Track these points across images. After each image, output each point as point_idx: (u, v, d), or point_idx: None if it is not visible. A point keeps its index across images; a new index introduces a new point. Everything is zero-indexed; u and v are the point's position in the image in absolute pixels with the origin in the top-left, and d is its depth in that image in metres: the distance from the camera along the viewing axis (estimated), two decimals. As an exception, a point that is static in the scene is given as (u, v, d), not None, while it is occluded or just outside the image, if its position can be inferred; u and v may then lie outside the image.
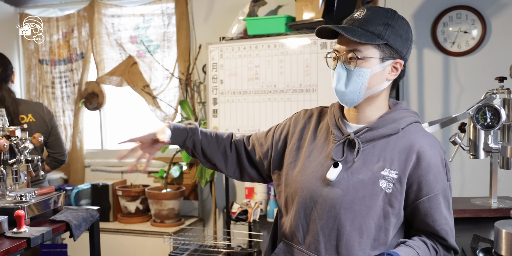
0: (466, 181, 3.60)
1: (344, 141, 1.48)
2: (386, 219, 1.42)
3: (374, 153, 1.45)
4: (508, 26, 3.46)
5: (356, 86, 1.43)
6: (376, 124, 1.47)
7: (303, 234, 1.48)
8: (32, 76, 4.77)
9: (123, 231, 4.00)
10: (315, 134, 1.58)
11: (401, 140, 1.45)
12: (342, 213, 1.42)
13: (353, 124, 1.52)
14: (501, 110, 1.84)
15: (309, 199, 1.47)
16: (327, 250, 1.43)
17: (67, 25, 4.61)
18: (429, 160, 1.42)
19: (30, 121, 3.06)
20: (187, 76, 4.18)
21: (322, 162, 1.49)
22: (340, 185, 1.43)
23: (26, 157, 2.34)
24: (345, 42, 1.44)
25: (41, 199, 2.33)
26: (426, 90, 3.67)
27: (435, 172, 1.43)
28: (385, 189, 1.41)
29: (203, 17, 4.21)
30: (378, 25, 1.41)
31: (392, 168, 1.42)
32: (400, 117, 1.48)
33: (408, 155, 1.43)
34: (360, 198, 1.41)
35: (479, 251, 1.52)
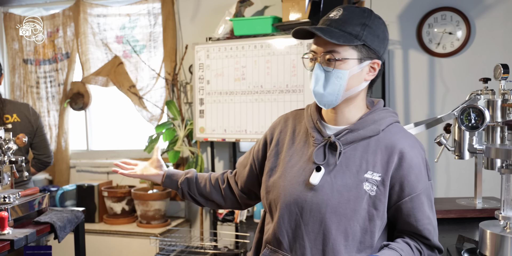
0: (451, 182, 3.62)
1: (324, 144, 1.46)
2: (371, 222, 1.41)
3: (356, 155, 1.44)
4: (492, 27, 3.49)
5: (335, 88, 1.42)
6: (356, 125, 1.46)
7: (288, 240, 1.46)
8: (16, 76, 4.72)
9: (108, 232, 3.97)
10: (294, 138, 1.55)
11: (382, 142, 1.44)
12: (327, 217, 1.40)
13: (332, 125, 1.51)
14: (485, 111, 1.86)
15: (293, 204, 1.44)
16: (313, 255, 1.42)
17: (52, 24, 4.57)
18: (410, 161, 1.42)
19: (15, 121, 3.03)
20: (173, 76, 4.17)
21: (304, 166, 1.47)
22: (324, 189, 1.42)
23: (10, 158, 2.31)
24: (322, 43, 1.41)
25: (25, 200, 2.31)
26: (412, 91, 3.69)
27: (417, 172, 1.43)
28: (369, 192, 1.40)
29: (189, 17, 4.19)
30: (356, 26, 1.40)
31: (375, 171, 1.41)
32: (380, 118, 1.48)
33: (390, 156, 1.42)
34: (345, 201, 1.40)
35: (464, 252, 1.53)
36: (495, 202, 2.13)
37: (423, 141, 3.66)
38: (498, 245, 1.36)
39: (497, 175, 1.51)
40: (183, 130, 4.02)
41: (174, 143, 4.01)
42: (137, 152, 4.38)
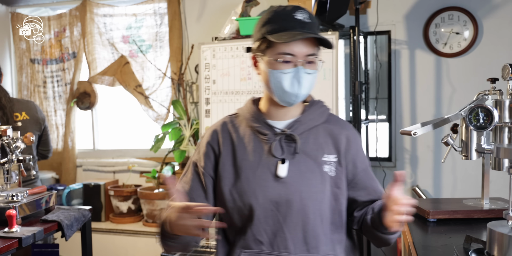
0: (458, 182, 3.61)
1: (280, 138, 1.52)
2: (337, 201, 1.52)
3: (309, 143, 1.53)
4: (499, 27, 3.48)
5: (311, 87, 1.52)
6: (304, 117, 1.56)
7: (268, 238, 1.48)
8: (23, 75, 4.74)
9: (115, 231, 3.98)
10: (242, 143, 1.56)
11: (328, 127, 1.58)
12: (303, 204, 1.47)
13: (278, 121, 1.57)
14: (494, 111, 1.85)
15: (267, 202, 1.48)
16: (295, 244, 1.47)
17: (59, 24, 4.59)
18: (355, 141, 1.59)
19: (25, 119, 3.05)
20: (179, 76, 4.17)
21: (266, 163, 1.51)
22: (293, 179, 1.49)
23: (18, 156, 2.32)
24: (304, 46, 1.45)
25: (32, 198, 2.32)
26: (418, 91, 3.68)
27: (361, 150, 1.61)
28: (329, 173, 1.52)
29: (195, 17, 4.20)
30: (319, 29, 1.52)
31: (330, 153, 1.53)
32: (322, 110, 1.61)
33: (339, 139, 1.56)
34: (314, 185, 1.49)
35: (472, 252, 1.53)
36: (503, 203, 2.12)
37: (430, 141, 3.65)
38: (507, 245, 1.36)
39: (504, 176, 1.51)
40: (189, 130, 4.03)
41: (180, 142, 4.02)
42: (143, 151, 4.39)
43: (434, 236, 1.90)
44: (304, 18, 1.46)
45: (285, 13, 1.47)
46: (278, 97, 1.51)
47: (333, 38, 3.32)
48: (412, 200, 1.33)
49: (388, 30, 3.73)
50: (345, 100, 3.87)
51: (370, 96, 3.83)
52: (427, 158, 3.69)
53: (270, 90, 1.52)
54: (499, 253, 1.39)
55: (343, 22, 3.58)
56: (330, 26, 3.39)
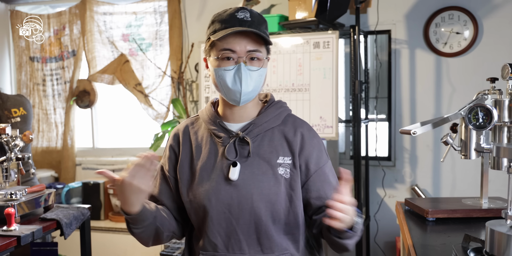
0: (457, 182, 3.62)
1: (234, 141, 1.52)
2: (292, 203, 1.51)
3: (264, 145, 1.53)
4: (500, 27, 3.48)
5: (258, 85, 1.51)
6: (259, 119, 1.56)
7: (222, 240, 1.50)
8: (23, 73, 4.74)
9: (114, 230, 3.98)
10: (199, 145, 1.58)
11: (284, 129, 1.57)
12: (255, 207, 1.47)
13: (234, 123, 1.58)
14: (493, 111, 1.85)
15: (220, 204, 1.49)
16: (249, 245, 1.49)
17: (59, 22, 4.59)
18: (310, 141, 1.56)
19: (23, 114, 3.05)
20: (179, 74, 4.17)
21: (220, 165, 1.52)
22: (245, 181, 1.49)
23: (17, 154, 2.32)
24: (243, 43, 1.46)
25: (31, 197, 2.31)
26: (418, 90, 3.68)
27: (317, 150, 1.56)
28: (284, 175, 1.51)
29: (195, 16, 4.20)
30: (264, 28, 1.52)
31: (285, 155, 1.53)
32: (279, 111, 1.59)
33: (293, 140, 1.55)
34: (267, 187, 1.48)
35: (470, 251, 1.53)
36: (501, 202, 2.12)
37: (429, 140, 3.66)
38: (505, 244, 1.36)
39: (503, 175, 1.51)
40: (188, 128, 4.02)
41: (179, 141, 4.01)
42: (143, 150, 4.39)
43: (433, 235, 1.90)
44: (245, 17, 1.48)
45: (227, 14, 1.49)
46: (225, 96, 1.53)
47: (333, 37, 3.32)
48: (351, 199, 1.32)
49: (389, 30, 3.73)
50: (345, 99, 3.87)
51: (370, 95, 3.83)
52: (426, 158, 3.69)
53: (218, 89, 1.54)
54: (498, 252, 1.39)
55: (344, 21, 3.58)
56: (331, 25, 3.39)
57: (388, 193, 3.80)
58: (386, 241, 3.81)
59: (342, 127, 3.85)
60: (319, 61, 3.32)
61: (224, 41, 1.47)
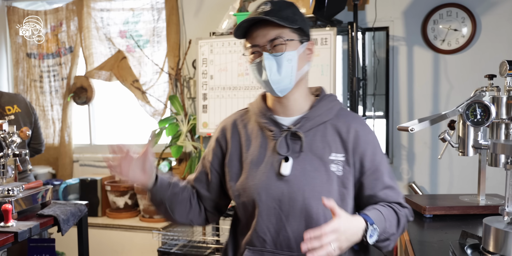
0: (455, 179, 3.62)
1: (285, 135, 1.50)
2: (343, 201, 1.48)
3: (316, 140, 1.50)
4: (497, 24, 3.48)
5: (288, 70, 1.46)
6: (311, 113, 1.53)
7: (271, 236, 1.48)
8: (20, 70, 4.73)
9: (111, 226, 3.98)
10: (249, 139, 1.58)
11: (336, 124, 1.53)
12: (307, 203, 1.45)
13: (285, 117, 1.55)
14: (491, 107, 1.85)
15: (270, 200, 1.47)
16: (298, 243, 1.44)
17: (56, 18, 4.57)
18: (365, 138, 1.52)
19: (17, 112, 3.05)
20: (176, 71, 4.16)
21: (270, 161, 1.50)
22: (297, 177, 1.46)
23: (14, 151, 2.32)
24: (262, 34, 1.46)
25: (28, 193, 2.31)
26: (416, 87, 3.68)
27: (372, 147, 1.52)
28: (337, 173, 1.48)
29: (193, 12, 4.19)
30: (288, 13, 1.47)
31: (337, 152, 1.49)
32: (331, 105, 1.56)
33: (347, 136, 1.51)
34: (319, 184, 1.46)
35: (467, 247, 1.53)
36: (499, 199, 2.12)
37: (427, 137, 3.66)
38: (502, 240, 1.36)
39: (500, 172, 1.51)
40: (186, 125, 4.02)
41: (177, 138, 4.01)
42: (140, 146, 4.37)
43: (430, 232, 1.90)
44: (264, 8, 1.47)
45: (254, 11, 1.50)
46: (264, 89, 1.53)
47: (331, 34, 3.32)
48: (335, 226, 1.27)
49: (386, 26, 3.72)
50: (342, 96, 3.87)
51: (368, 92, 3.83)
52: (424, 155, 3.69)
53: (259, 84, 1.53)
54: (495, 248, 1.39)
55: (341, 18, 3.57)
56: (328, 22, 3.39)
57: (386, 190, 3.80)
58: (383, 238, 3.81)
59: (340, 124, 3.85)
60: (316, 58, 3.31)
61: (249, 39, 1.49)
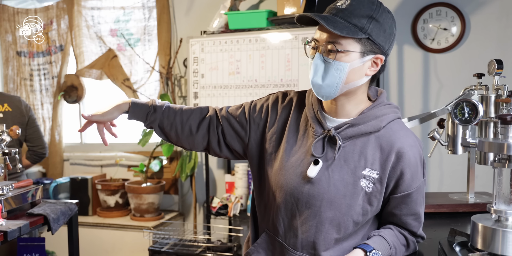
0: (444, 177, 3.64)
1: (324, 137, 1.43)
2: (364, 216, 1.44)
3: (355, 151, 1.42)
4: (486, 24, 3.50)
5: (334, 80, 1.37)
6: (357, 120, 1.42)
7: (284, 228, 1.47)
8: (9, 68, 4.70)
9: (102, 225, 3.97)
10: (297, 126, 1.51)
11: (382, 139, 1.42)
12: (322, 211, 1.41)
13: (333, 117, 1.47)
14: (479, 105, 1.87)
15: (290, 195, 1.44)
16: (303, 245, 1.45)
17: (46, 17, 4.55)
18: (408, 161, 1.41)
19: (6, 111, 3.03)
20: (167, 70, 4.16)
21: (302, 157, 1.45)
22: (321, 183, 1.41)
23: (3, 149, 2.31)
24: (326, 32, 1.37)
25: (18, 192, 2.30)
26: (406, 86, 3.70)
27: (413, 172, 1.43)
28: (366, 188, 1.41)
29: (184, 11, 4.18)
30: (362, 18, 1.34)
31: (373, 168, 1.41)
32: (382, 114, 1.44)
33: (388, 155, 1.41)
34: (341, 196, 1.40)
35: (456, 245, 1.54)
36: (487, 197, 2.14)
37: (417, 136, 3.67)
38: (490, 238, 1.38)
39: (489, 170, 1.52)
40: (177, 124, 4.01)
41: (168, 136, 4.00)
42: (131, 145, 4.37)
43: (419, 230, 1.91)
44: (342, 4, 1.37)
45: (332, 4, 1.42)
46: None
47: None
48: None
49: (377, 25, 3.73)
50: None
51: (358, 91, 3.83)
52: (414, 153, 3.70)
53: None
54: (483, 246, 1.40)
55: (332, 17, 3.57)
56: (319, 20, 3.39)
57: (376, 188, 3.81)
58: (373, 236, 3.83)
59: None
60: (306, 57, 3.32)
61: (316, 32, 1.41)
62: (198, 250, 3.51)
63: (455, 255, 1.48)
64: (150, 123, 1.62)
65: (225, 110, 1.61)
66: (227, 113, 1.60)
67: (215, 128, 1.59)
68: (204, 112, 1.62)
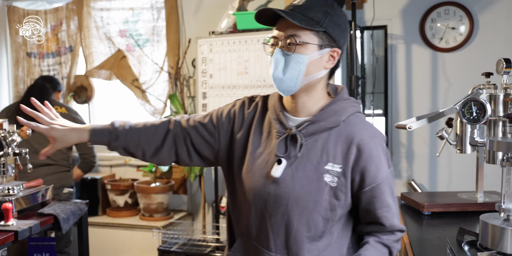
0: (453, 176, 3.63)
1: (286, 136, 1.45)
2: (333, 212, 1.44)
3: (316, 147, 1.44)
4: (495, 22, 3.49)
5: (294, 73, 1.41)
6: (318, 117, 1.45)
7: (256, 230, 1.49)
8: (20, 69, 4.73)
9: (111, 225, 3.99)
10: (261, 129, 1.53)
11: (342, 133, 1.44)
12: (289, 210, 1.42)
13: (294, 117, 1.50)
14: (487, 105, 1.86)
15: (258, 197, 1.46)
16: (276, 246, 1.45)
17: (56, 18, 4.58)
18: (370, 152, 1.42)
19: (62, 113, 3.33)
20: (176, 70, 4.17)
21: (267, 158, 1.47)
22: (285, 182, 1.43)
23: (14, 150, 2.33)
24: (284, 27, 1.42)
25: (29, 192, 2.32)
26: (414, 85, 3.69)
27: (377, 163, 1.43)
28: (330, 183, 1.42)
29: (192, 11, 4.20)
30: (318, 12, 1.40)
31: (335, 162, 1.43)
32: (341, 109, 1.47)
33: (349, 148, 1.43)
34: (306, 193, 1.42)
35: (465, 244, 1.54)
36: (496, 196, 2.14)
37: (425, 135, 3.67)
38: (499, 237, 1.38)
39: (498, 170, 1.52)
40: (186, 124, 4.02)
41: (177, 136, 4.02)
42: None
43: (428, 229, 1.91)
44: (298, 2, 1.43)
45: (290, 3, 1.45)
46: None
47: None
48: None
49: (385, 25, 3.73)
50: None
51: (367, 90, 3.84)
52: (423, 152, 3.70)
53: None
54: (491, 245, 1.40)
55: (340, 16, 3.57)
56: (327, 20, 3.39)
57: (385, 188, 3.80)
58: (382, 235, 3.82)
59: (339, 122, 3.85)
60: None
61: (275, 28, 1.45)
62: (207, 250, 3.52)
63: (464, 254, 1.49)
64: (114, 149, 1.61)
65: (192, 120, 1.62)
66: (194, 122, 1.61)
67: (182, 140, 1.59)
68: (168, 126, 1.61)
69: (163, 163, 1.64)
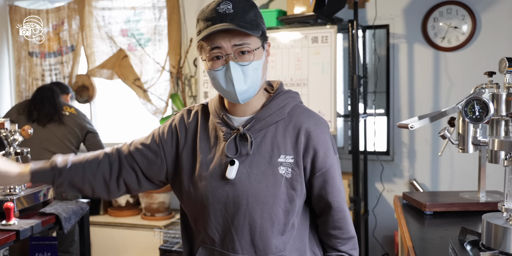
0: (455, 176, 3.62)
1: (235, 136, 1.45)
2: (292, 203, 1.44)
3: (266, 142, 1.45)
4: (497, 22, 3.48)
5: (254, 80, 1.41)
6: (262, 113, 1.46)
7: (219, 236, 1.47)
8: (21, 68, 4.74)
9: (113, 224, 3.99)
10: (207, 135, 1.52)
11: (288, 124, 1.46)
12: (250, 208, 1.42)
13: (239, 117, 1.49)
14: (489, 104, 1.86)
15: (217, 202, 1.45)
16: (243, 246, 1.44)
17: (57, 17, 4.58)
18: (317, 138, 1.45)
19: (72, 113, 3.58)
20: (178, 69, 4.17)
21: (219, 162, 1.46)
22: (242, 181, 1.43)
23: (16, 149, 2.33)
24: (229, 37, 1.37)
25: (30, 191, 2.32)
26: (416, 84, 3.68)
27: (324, 148, 1.46)
28: (285, 175, 1.43)
29: (194, 11, 4.19)
30: (252, 16, 1.39)
31: (287, 154, 1.44)
32: (283, 102, 1.48)
33: (298, 137, 1.45)
34: (264, 189, 1.42)
35: (467, 244, 1.54)
36: (499, 196, 2.13)
37: (428, 134, 3.66)
38: (501, 237, 1.37)
39: (500, 169, 1.52)
40: (187, 123, 4.02)
41: (178, 136, 4.02)
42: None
43: (430, 229, 1.91)
44: (227, 9, 1.37)
45: (209, 10, 1.41)
46: (224, 97, 1.47)
47: (331, 32, 3.32)
48: None
49: (387, 24, 3.72)
50: (343, 94, 3.88)
51: (369, 90, 3.83)
52: (425, 152, 3.70)
53: (217, 91, 1.47)
54: (494, 245, 1.40)
55: (342, 16, 3.58)
56: (329, 19, 3.39)
57: (387, 188, 3.81)
58: (384, 235, 3.82)
59: (341, 121, 3.85)
60: (317, 56, 3.32)
61: (209, 40, 1.38)
62: (208, 249, 3.52)
63: (466, 254, 1.48)
64: (59, 186, 1.56)
65: (134, 144, 1.59)
66: (137, 145, 1.58)
67: (129, 166, 1.56)
68: (111, 156, 1.58)
69: (113, 196, 1.60)
